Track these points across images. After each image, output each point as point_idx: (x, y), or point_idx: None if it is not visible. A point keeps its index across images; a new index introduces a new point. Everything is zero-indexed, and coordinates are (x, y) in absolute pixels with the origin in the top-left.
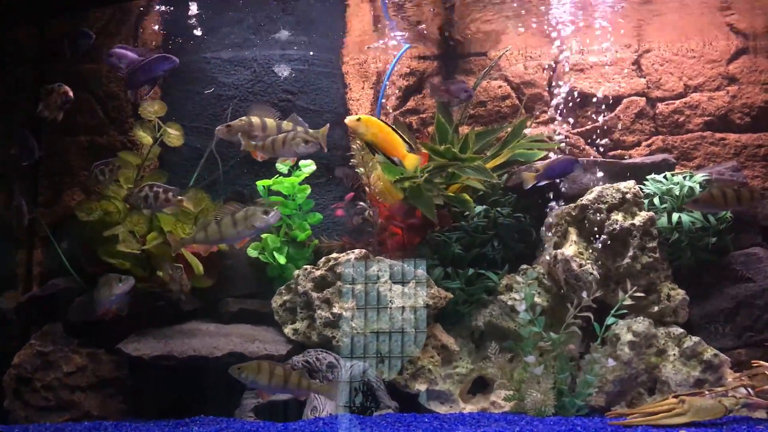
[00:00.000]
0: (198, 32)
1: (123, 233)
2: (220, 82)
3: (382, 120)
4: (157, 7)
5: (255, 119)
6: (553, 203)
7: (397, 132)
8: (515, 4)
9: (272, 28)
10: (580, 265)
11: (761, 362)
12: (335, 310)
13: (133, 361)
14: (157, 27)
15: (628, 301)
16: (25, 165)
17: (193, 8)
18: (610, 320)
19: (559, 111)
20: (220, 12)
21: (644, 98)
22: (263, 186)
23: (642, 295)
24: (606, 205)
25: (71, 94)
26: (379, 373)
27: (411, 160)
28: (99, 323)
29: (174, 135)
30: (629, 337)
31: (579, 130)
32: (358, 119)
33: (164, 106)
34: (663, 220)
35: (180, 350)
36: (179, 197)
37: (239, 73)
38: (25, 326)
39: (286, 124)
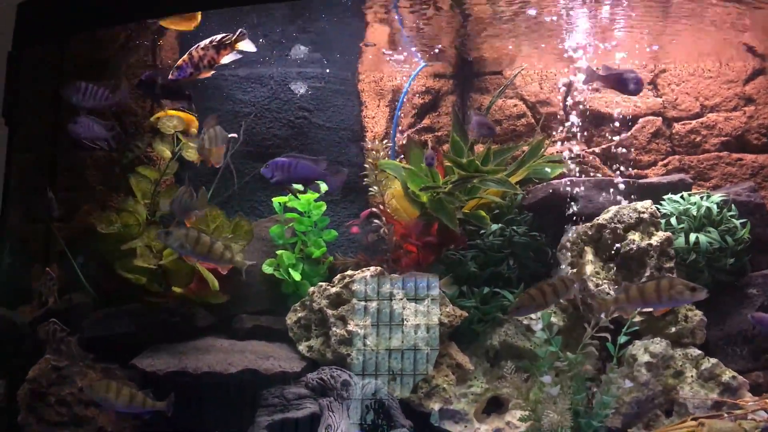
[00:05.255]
0: None
1: (141, 248)
2: (237, 98)
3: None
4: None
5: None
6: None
7: None
8: (529, 24)
9: (289, 45)
10: (597, 285)
11: None
12: (350, 327)
13: (147, 377)
14: (175, 43)
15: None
16: (40, 181)
17: (211, 25)
18: (622, 339)
19: (574, 130)
20: (237, 29)
21: (660, 118)
22: (279, 203)
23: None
24: (623, 225)
25: None
26: (393, 391)
27: None
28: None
29: (194, 150)
30: (646, 358)
31: (595, 149)
32: None
33: (183, 120)
34: (680, 241)
35: (194, 366)
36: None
37: (256, 90)
38: (40, 340)
39: None
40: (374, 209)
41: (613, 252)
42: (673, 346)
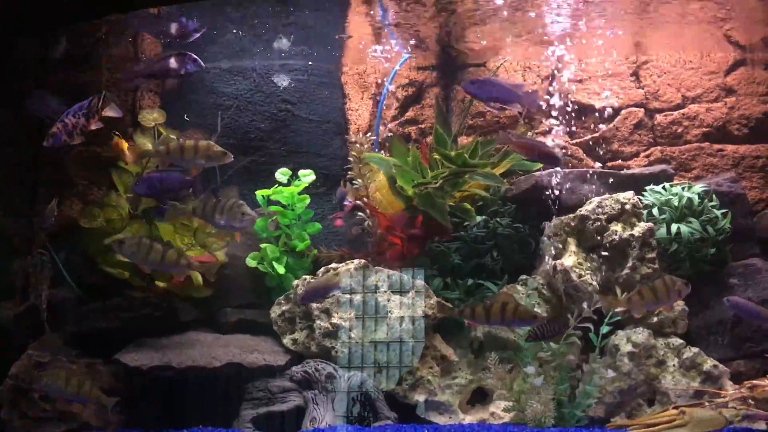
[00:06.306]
0: (197, 41)
1: None
2: (219, 91)
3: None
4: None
5: None
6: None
7: None
8: (513, 16)
9: (272, 38)
10: (580, 276)
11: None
12: (334, 320)
13: (131, 372)
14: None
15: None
16: (23, 175)
17: (193, 18)
18: (604, 329)
19: (557, 121)
20: (220, 21)
21: (642, 109)
22: (262, 196)
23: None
24: (605, 216)
25: None
26: (378, 384)
27: None
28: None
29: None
30: (629, 347)
31: (578, 140)
32: None
33: (163, 114)
34: (662, 231)
35: (178, 360)
36: None
37: (238, 83)
38: (22, 336)
39: None
40: (358, 202)
41: (596, 242)
42: (655, 335)
